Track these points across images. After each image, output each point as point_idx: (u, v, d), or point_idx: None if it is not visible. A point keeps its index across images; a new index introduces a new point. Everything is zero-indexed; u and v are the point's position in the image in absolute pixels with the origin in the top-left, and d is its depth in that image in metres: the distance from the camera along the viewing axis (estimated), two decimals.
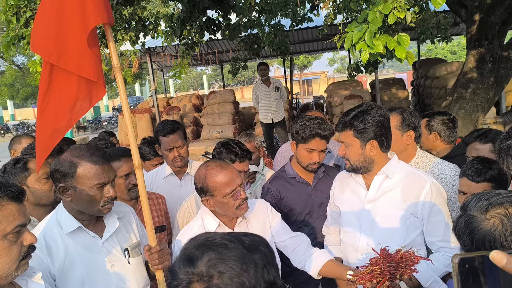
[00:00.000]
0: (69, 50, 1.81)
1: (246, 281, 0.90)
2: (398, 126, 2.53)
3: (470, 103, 5.39)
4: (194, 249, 0.96)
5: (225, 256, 0.92)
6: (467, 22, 5.66)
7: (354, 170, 2.15)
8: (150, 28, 7.04)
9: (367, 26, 2.81)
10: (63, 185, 1.82)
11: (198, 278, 0.90)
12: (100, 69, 1.88)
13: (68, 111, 1.85)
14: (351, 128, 2.08)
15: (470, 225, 1.16)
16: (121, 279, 1.93)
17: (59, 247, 1.82)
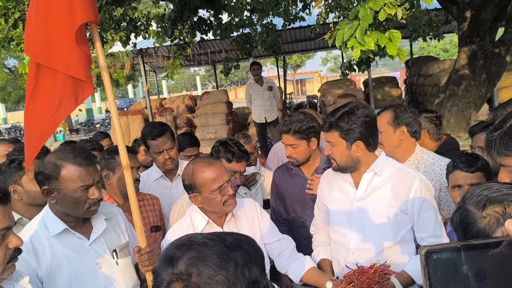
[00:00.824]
0: (57, 49, 1.78)
1: (225, 279, 0.88)
2: (390, 122, 2.56)
3: (462, 100, 5.40)
4: (175, 249, 0.94)
5: (204, 254, 0.91)
6: (459, 19, 5.68)
7: (341, 169, 2.14)
8: (141, 29, 7.00)
9: (358, 23, 2.79)
10: (47, 187, 1.79)
11: (177, 277, 0.89)
12: (89, 67, 1.86)
13: (53, 111, 1.83)
14: (337, 129, 2.06)
15: (465, 221, 1.13)
16: (109, 281, 1.91)
17: (46, 250, 1.79)
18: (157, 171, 3.12)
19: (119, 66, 12.60)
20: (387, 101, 11.64)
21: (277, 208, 2.97)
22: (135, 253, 1.91)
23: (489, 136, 1.47)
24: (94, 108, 42.10)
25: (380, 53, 6.26)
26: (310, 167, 2.78)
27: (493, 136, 1.45)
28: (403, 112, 2.55)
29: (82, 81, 1.84)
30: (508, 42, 5.34)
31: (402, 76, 20.69)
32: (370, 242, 2.10)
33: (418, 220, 2.09)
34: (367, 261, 2.09)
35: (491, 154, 1.47)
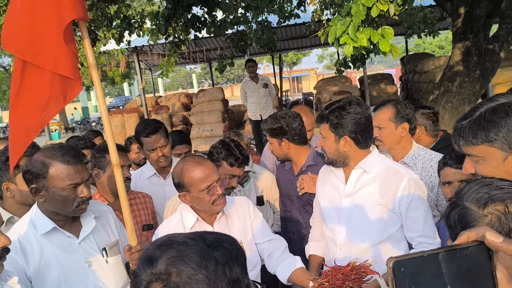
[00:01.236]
0: (44, 47, 1.76)
1: (205, 277, 0.88)
2: (392, 118, 2.54)
3: (456, 96, 5.40)
4: (155, 249, 0.93)
5: (184, 253, 0.90)
6: (453, 16, 5.67)
7: (331, 163, 2.17)
8: (135, 26, 6.96)
9: (350, 19, 2.78)
10: (35, 186, 1.77)
11: (156, 277, 0.88)
12: (76, 66, 1.84)
13: (41, 109, 1.81)
14: (327, 122, 2.10)
15: (464, 219, 1.09)
16: (99, 279, 1.90)
17: (34, 249, 1.78)
18: (151, 169, 3.11)
19: (114, 64, 12.55)
20: (382, 98, 11.63)
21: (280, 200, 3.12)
22: (126, 251, 1.90)
23: (458, 124, 1.45)
24: (90, 107, 41.96)
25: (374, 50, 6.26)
26: (297, 164, 2.81)
27: (462, 125, 1.43)
28: (404, 108, 2.54)
29: (71, 79, 1.82)
30: (502, 38, 5.34)
31: (398, 73, 20.71)
32: (357, 239, 2.11)
33: (406, 219, 2.08)
34: (354, 257, 2.07)
35: (458, 143, 1.45)
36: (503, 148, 1.34)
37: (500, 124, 1.33)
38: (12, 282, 1.48)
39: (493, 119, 1.35)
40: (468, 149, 1.42)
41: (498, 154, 1.35)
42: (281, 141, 2.75)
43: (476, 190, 1.12)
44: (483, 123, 1.36)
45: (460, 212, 1.10)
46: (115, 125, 11.97)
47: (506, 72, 9.80)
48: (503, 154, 1.34)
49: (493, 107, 1.37)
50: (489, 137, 1.35)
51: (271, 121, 2.76)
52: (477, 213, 1.07)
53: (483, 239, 0.74)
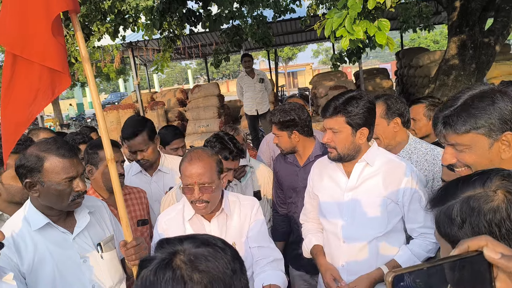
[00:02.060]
0: (33, 40, 1.72)
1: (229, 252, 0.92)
2: (383, 115, 2.52)
3: (452, 90, 5.40)
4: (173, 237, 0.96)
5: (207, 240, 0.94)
6: (448, 9, 5.66)
7: (340, 159, 2.08)
8: (129, 21, 6.91)
9: (346, 12, 2.76)
10: (30, 180, 1.75)
11: (183, 253, 0.89)
12: (65, 58, 1.80)
13: (29, 103, 1.77)
14: (343, 114, 1.98)
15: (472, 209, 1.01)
16: (94, 274, 1.89)
17: (28, 245, 1.76)
18: (137, 166, 3.10)
19: (109, 59, 12.48)
20: (378, 93, 11.63)
21: (276, 193, 3.08)
22: (121, 247, 1.88)
23: (442, 113, 1.43)
24: (85, 103, 41.75)
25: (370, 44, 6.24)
26: (302, 156, 2.81)
27: (447, 114, 1.41)
28: (394, 103, 2.51)
29: (59, 73, 1.78)
30: (497, 31, 5.34)
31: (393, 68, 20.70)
32: (361, 232, 2.11)
33: (408, 211, 2.09)
34: (358, 249, 2.11)
35: (443, 132, 1.43)
36: (489, 135, 1.35)
37: (488, 111, 1.33)
38: (7, 278, 1.47)
39: (481, 106, 1.35)
40: (454, 138, 1.41)
41: (485, 141, 1.36)
42: (291, 133, 2.72)
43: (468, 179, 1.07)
44: (471, 110, 1.36)
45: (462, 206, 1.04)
46: (110, 121, 11.90)
47: (501, 66, 9.83)
48: (489, 141, 1.35)
49: (478, 94, 1.37)
50: (478, 124, 1.35)
51: (282, 114, 2.70)
52: (484, 193, 1.02)
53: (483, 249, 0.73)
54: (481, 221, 1.00)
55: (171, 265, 0.86)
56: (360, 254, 2.11)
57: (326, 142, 2.07)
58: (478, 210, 1.01)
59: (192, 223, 2.07)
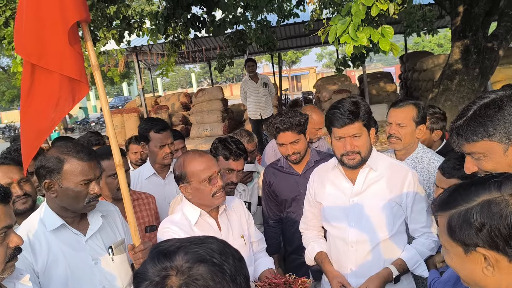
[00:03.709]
0: (49, 49, 1.77)
1: (227, 269, 0.88)
2: (415, 118, 2.48)
3: (456, 95, 5.42)
4: (168, 245, 0.93)
5: (203, 249, 0.90)
6: (452, 14, 5.69)
7: (362, 162, 2.10)
8: (134, 27, 6.97)
9: (350, 18, 2.79)
10: (49, 181, 1.80)
11: (177, 271, 0.86)
12: (82, 67, 1.85)
13: (51, 111, 1.82)
14: (359, 119, 2.02)
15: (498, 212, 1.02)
16: (105, 277, 1.92)
17: (42, 245, 1.80)
18: (149, 169, 3.12)
19: (113, 64, 12.56)
20: (382, 96, 11.67)
21: (268, 206, 2.98)
22: (129, 250, 1.92)
23: (455, 124, 1.48)
24: (89, 107, 41.90)
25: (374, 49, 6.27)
26: (302, 162, 2.81)
27: (459, 124, 1.45)
28: (423, 110, 2.51)
29: (78, 81, 1.84)
30: (501, 36, 5.36)
31: (397, 71, 20.72)
32: (368, 235, 2.15)
33: (412, 212, 2.16)
34: (366, 253, 2.15)
35: (457, 143, 1.47)
36: (502, 141, 1.37)
37: (496, 118, 1.37)
38: (24, 280, 1.50)
39: (488, 114, 1.38)
40: (469, 147, 1.45)
41: (499, 147, 1.38)
42: (305, 134, 2.73)
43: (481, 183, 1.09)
44: (479, 119, 1.40)
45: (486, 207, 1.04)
46: (114, 125, 11.96)
47: (505, 70, 9.84)
48: (503, 146, 1.38)
49: (486, 103, 1.41)
50: (488, 132, 1.38)
51: (296, 117, 2.64)
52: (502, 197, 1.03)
53: None
54: (502, 224, 1.02)
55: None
56: (367, 258, 2.15)
57: (352, 149, 2.06)
58: (500, 214, 1.03)
59: (199, 226, 2.09)
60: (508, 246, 1.02)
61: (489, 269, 1.06)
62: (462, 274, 1.15)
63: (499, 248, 1.03)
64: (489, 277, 1.07)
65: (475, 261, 1.08)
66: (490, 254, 1.04)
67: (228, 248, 0.94)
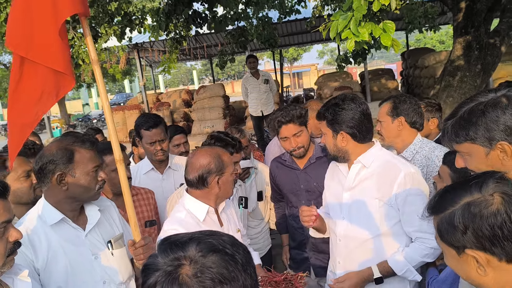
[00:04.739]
0: (38, 41, 1.74)
1: (238, 259, 0.88)
2: (389, 112, 2.62)
3: (457, 91, 5.40)
4: (179, 237, 0.92)
5: (215, 238, 0.91)
6: (453, 10, 5.66)
7: (333, 158, 2.22)
8: (136, 23, 6.96)
9: (352, 14, 2.78)
10: (61, 173, 1.81)
11: (190, 260, 0.86)
12: (69, 60, 1.82)
13: (34, 105, 1.79)
14: (324, 119, 2.16)
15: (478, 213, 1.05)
16: (105, 271, 1.92)
17: (42, 241, 1.80)
18: (148, 164, 3.14)
19: (115, 60, 12.54)
20: (383, 93, 11.62)
21: (274, 197, 3.14)
22: (130, 246, 1.92)
23: (444, 123, 1.54)
24: (91, 104, 41.93)
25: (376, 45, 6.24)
26: (304, 158, 2.81)
27: (446, 124, 1.53)
28: (402, 103, 2.59)
29: (64, 74, 1.80)
30: (503, 32, 5.33)
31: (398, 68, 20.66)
32: (356, 231, 2.17)
33: (403, 214, 2.10)
34: (353, 248, 2.18)
35: (446, 142, 1.55)
36: (484, 145, 1.42)
37: (477, 123, 1.41)
38: (23, 275, 1.50)
39: (470, 118, 1.43)
40: (456, 146, 1.52)
41: (481, 150, 1.43)
42: (307, 126, 2.77)
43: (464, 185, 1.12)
44: (462, 122, 1.45)
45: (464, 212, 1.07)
46: (116, 122, 11.96)
47: (507, 67, 9.79)
48: (485, 149, 1.42)
49: (471, 107, 1.45)
50: (469, 136, 1.43)
51: (296, 109, 2.68)
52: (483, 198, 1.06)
53: None
54: (484, 225, 1.04)
55: (177, 280, 0.84)
56: (354, 253, 2.17)
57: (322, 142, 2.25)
58: (480, 215, 1.05)
59: (205, 222, 2.10)
60: (494, 246, 1.04)
61: (482, 269, 1.07)
62: (460, 274, 1.17)
63: (486, 248, 1.05)
64: (484, 277, 1.08)
65: (468, 262, 1.10)
66: (479, 255, 1.06)
67: (237, 240, 0.94)
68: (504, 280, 1.07)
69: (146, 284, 0.87)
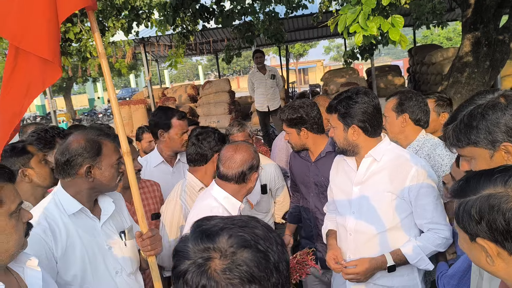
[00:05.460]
0: (30, 30, 1.71)
1: (271, 256, 0.86)
2: (394, 108, 2.62)
3: (465, 87, 5.36)
4: (211, 225, 0.90)
5: (247, 231, 0.88)
6: (462, 6, 5.62)
7: (342, 152, 2.22)
8: (143, 17, 6.95)
9: (360, 8, 2.76)
10: (89, 165, 1.84)
11: (220, 254, 0.84)
12: (57, 49, 1.77)
13: (22, 96, 1.78)
14: (335, 112, 2.15)
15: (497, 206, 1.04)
16: (119, 261, 1.95)
17: (61, 230, 1.82)
18: (158, 157, 3.15)
19: (121, 55, 12.55)
20: (390, 90, 11.56)
21: (291, 187, 3.23)
22: (137, 238, 1.93)
23: (445, 129, 1.54)
24: (96, 98, 42.04)
25: (383, 41, 6.20)
26: (314, 152, 2.83)
27: (447, 129, 1.53)
28: (407, 100, 2.59)
29: (51, 64, 1.76)
30: None
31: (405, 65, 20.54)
32: (367, 225, 2.16)
33: (415, 207, 2.12)
34: (364, 242, 2.17)
35: (448, 146, 1.55)
36: (487, 147, 1.42)
37: (478, 127, 1.41)
38: (32, 263, 1.51)
39: (471, 123, 1.44)
40: (458, 150, 1.52)
41: (485, 152, 1.43)
42: (299, 131, 2.77)
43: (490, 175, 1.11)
44: (463, 127, 1.46)
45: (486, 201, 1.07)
46: (122, 116, 11.98)
47: None
48: (488, 152, 1.42)
49: (470, 111, 1.46)
50: (471, 140, 1.43)
51: (290, 111, 2.76)
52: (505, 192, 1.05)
53: None
54: (499, 219, 1.04)
55: (206, 274, 0.83)
56: (365, 247, 2.17)
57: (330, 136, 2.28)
58: (498, 208, 1.05)
59: None
60: (506, 241, 1.04)
61: (490, 259, 1.08)
62: (471, 258, 1.18)
63: (498, 241, 1.05)
64: (492, 266, 1.09)
65: (479, 250, 1.11)
66: (490, 246, 1.07)
67: (271, 232, 0.91)
68: None
69: (178, 270, 0.87)
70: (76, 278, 1.81)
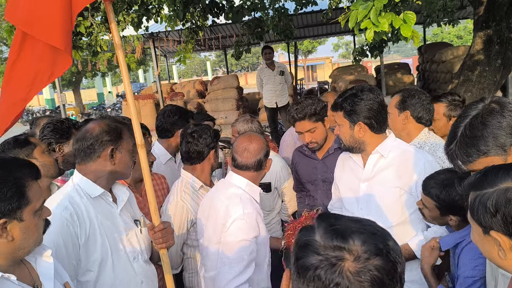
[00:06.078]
0: (38, 17, 1.69)
1: (398, 268, 0.88)
2: (397, 105, 2.63)
3: (476, 86, 5.32)
4: (343, 226, 0.92)
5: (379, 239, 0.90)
6: (474, 4, 5.56)
7: (348, 149, 2.23)
8: (153, 12, 6.96)
9: (372, 3, 2.75)
10: (113, 147, 1.89)
11: (354, 257, 0.86)
12: (70, 38, 1.76)
13: (28, 83, 1.77)
14: (341, 110, 2.16)
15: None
16: (135, 248, 1.98)
17: (84, 215, 1.83)
18: (166, 153, 3.21)
19: (130, 50, 12.58)
20: (398, 88, 11.50)
21: (296, 186, 3.20)
22: (149, 230, 1.94)
23: (448, 149, 1.52)
24: (105, 92, 42.21)
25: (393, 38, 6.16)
26: (323, 148, 2.83)
27: (451, 149, 1.50)
28: (410, 97, 2.60)
29: (62, 53, 1.75)
30: None
31: (415, 63, 20.41)
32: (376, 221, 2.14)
33: None
34: None
35: (457, 166, 1.51)
36: (498, 154, 1.40)
37: (483, 136, 1.40)
38: (46, 255, 1.53)
39: (474, 134, 1.42)
40: (469, 166, 1.49)
41: (497, 160, 1.41)
42: (324, 122, 2.78)
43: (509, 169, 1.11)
44: (468, 140, 1.43)
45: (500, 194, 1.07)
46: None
47: None
48: (501, 158, 1.41)
49: (469, 123, 1.44)
50: (481, 150, 1.41)
51: (312, 105, 2.70)
52: None
53: None
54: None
55: (340, 273, 0.85)
56: None
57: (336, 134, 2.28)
58: None
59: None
60: None
61: (503, 252, 1.09)
62: (482, 252, 1.18)
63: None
64: (504, 260, 1.09)
65: (492, 243, 1.11)
66: (503, 239, 1.07)
67: (396, 244, 0.92)
68: None
69: (305, 262, 0.88)
70: (95, 264, 1.82)
